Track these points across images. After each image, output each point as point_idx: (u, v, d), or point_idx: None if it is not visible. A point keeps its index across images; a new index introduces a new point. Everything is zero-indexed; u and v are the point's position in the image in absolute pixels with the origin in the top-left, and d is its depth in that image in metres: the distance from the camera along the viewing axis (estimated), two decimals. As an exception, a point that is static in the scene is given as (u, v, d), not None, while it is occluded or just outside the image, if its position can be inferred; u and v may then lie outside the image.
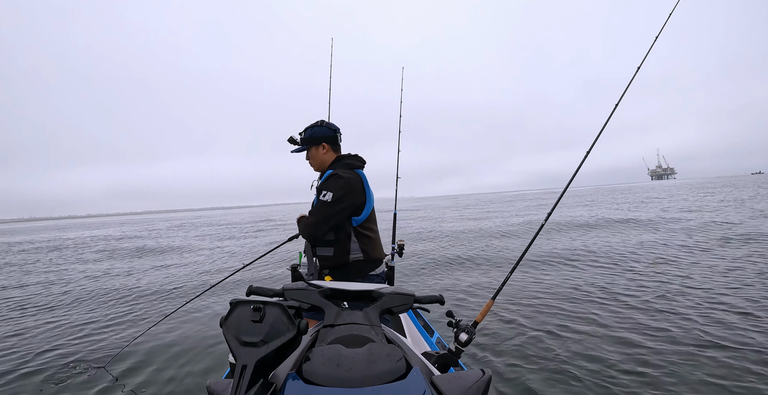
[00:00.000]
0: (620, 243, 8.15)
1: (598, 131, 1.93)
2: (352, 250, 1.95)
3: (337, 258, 1.94)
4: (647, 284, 4.86)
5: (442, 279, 6.00)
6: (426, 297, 1.18)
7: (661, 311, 3.83)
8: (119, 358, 3.29)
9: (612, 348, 3.05)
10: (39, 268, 9.55)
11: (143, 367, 3.13)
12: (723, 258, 6.04)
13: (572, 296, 4.54)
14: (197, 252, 11.53)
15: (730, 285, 4.54)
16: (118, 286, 6.57)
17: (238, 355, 0.75)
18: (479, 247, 9.06)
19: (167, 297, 5.63)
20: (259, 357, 0.74)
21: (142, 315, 4.71)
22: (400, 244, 3.12)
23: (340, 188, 1.87)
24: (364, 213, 1.98)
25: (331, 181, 1.91)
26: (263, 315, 0.80)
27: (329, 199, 1.85)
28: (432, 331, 2.40)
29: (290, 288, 1.10)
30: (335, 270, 1.96)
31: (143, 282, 6.81)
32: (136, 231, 24.36)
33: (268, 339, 0.77)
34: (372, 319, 1.01)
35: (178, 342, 3.66)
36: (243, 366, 0.73)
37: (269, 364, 0.77)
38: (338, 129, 2.14)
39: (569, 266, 6.27)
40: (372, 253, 2.00)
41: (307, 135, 2.08)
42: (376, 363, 0.76)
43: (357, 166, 2.07)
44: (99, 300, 5.66)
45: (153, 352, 3.42)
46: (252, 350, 0.75)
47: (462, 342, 1.36)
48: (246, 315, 0.80)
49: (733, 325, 3.34)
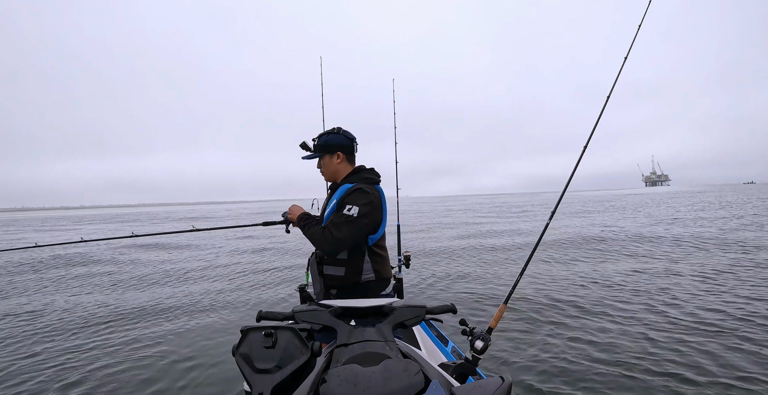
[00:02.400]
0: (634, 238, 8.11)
1: (590, 132, 1.93)
2: (365, 270, 1.85)
3: (347, 279, 1.83)
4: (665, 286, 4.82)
5: (452, 287, 5.95)
6: (438, 307, 1.17)
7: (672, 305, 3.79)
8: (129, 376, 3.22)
9: (631, 349, 3.01)
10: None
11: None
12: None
13: (586, 293, 4.50)
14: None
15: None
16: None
17: (253, 383, 0.74)
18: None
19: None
20: (274, 384, 0.73)
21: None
22: (406, 255, 3.10)
23: (366, 203, 1.76)
24: (379, 231, 1.88)
25: (356, 195, 1.79)
26: (275, 340, 0.79)
27: (355, 214, 1.73)
28: (446, 341, 2.37)
29: (300, 310, 1.09)
30: (343, 290, 1.85)
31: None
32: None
33: (282, 365, 0.76)
34: (385, 335, 1.00)
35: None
36: (259, 393, 0.72)
37: (285, 390, 0.76)
38: (355, 138, 2.01)
39: (581, 261, 6.23)
40: (383, 273, 1.90)
41: (321, 142, 1.94)
42: (393, 379, 0.75)
43: (376, 181, 1.96)
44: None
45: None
46: (267, 377, 0.74)
47: (478, 350, 1.34)
48: (258, 341, 0.79)
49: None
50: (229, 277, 7.38)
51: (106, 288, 6.72)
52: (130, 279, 7.45)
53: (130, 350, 3.69)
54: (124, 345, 3.82)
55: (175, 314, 4.88)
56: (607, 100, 2.02)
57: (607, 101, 2.01)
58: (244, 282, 6.84)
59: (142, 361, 3.43)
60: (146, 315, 4.87)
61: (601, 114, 1.98)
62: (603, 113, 1.95)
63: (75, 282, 7.32)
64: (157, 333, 4.14)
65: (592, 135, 1.94)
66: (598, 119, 1.95)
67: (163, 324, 4.47)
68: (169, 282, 7.10)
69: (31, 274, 8.29)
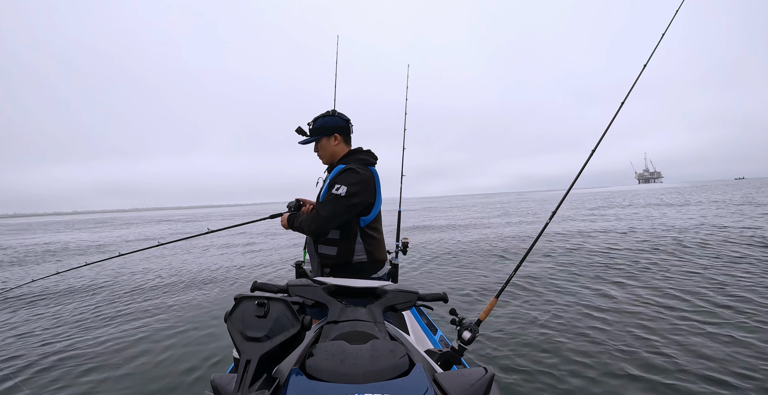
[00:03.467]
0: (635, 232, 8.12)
1: (600, 135, 1.91)
2: (357, 251, 1.87)
3: (339, 258, 1.86)
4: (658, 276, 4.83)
5: (444, 277, 6.00)
6: (429, 295, 1.18)
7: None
8: (121, 353, 3.32)
9: (621, 347, 3.04)
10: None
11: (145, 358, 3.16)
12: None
13: (578, 294, 4.53)
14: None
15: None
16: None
17: (243, 350, 0.76)
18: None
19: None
20: (263, 352, 0.75)
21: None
22: (404, 242, 3.12)
23: (355, 183, 1.77)
24: (372, 213, 1.89)
25: (346, 174, 1.80)
26: (267, 310, 0.80)
27: (343, 193, 1.74)
28: (435, 329, 2.40)
29: (294, 284, 1.11)
30: (336, 269, 1.88)
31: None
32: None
33: (272, 335, 0.77)
34: (376, 316, 1.02)
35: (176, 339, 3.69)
36: (247, 360, 0.74)
37: (273, 359, 0.78)
38: (349, 120, 2.03)
39: (574, 263, 6.25)
40: (376, 255, 1.92)
41: (317, 125, 1.95)
42: (379, 359, 0.76)
43: (371, 162, 1.96)
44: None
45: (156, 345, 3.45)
46: (256, 345, 0.76)
47: (465, 340, 1.36)
48: (250, 310, 0.81)
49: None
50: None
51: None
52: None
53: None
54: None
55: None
56: (621, 105, 2.00)
57: (621, 106, 1.99)
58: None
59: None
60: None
61: (613, 119, 1.95)
62: (616, 118, 1.93)
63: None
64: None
65: (603, 138, 1.92)
66: (610, 123, 1.94)
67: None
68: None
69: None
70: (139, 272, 7.60)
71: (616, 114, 1.92)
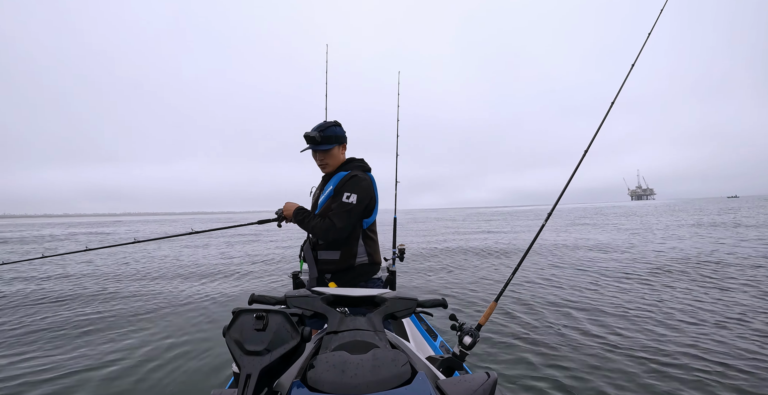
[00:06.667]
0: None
1: (583, 149, 1.93)
2: (359, 254, 1.91)
3: (342, 262, 1.89)
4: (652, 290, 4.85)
5: (442, 282, 5.99)
6: (428, 301, 1.18)
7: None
8: (114, 360, 3.25)
9: (619, 350, 3.04)
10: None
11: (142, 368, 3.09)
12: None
13: (577, 295, 4.53)
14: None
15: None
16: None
17: (242, 364, 0.75)
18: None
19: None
20: (263, 366, 0.74)
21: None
22: (401, 248, 3.12)
23: (363, 190, 1.85)
24: (373, 215, 1.96)
25: (354, 182, 1.86)
26: (266, 323, 0.80)
27: (354, 201, 1.81)
28: (435, 335, 2.39)
29: (292, 295, 1.10)
30: (338, 274, 1.91)
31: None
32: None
33: (271, 348, 0.77)
34: (376, 324, 1.01)
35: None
36: (247, 375, 0.73)
37: (273, 372, 0.77)
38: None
39: (572, 265, 6.27)
40: (375, 257, 1.98)
41: (330, 133, 1.94)
42: (380, 368, 0.75)
43: (368, 169, 2.05)
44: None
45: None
46: (256, 359, 0.75)
47: (466, 346, 1.36)
48: (249, 323, 0.80)
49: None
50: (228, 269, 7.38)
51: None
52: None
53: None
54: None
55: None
56: (608, 112, 2.03)
57: (607, 114, 2.02)
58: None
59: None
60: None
61: (600, 126, 1.98)
62: (602, 126, 1.96)
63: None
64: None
65: (591, 144, 1.95)
66: (597, 132, 1.97)
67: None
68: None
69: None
70: (127, 277, 7.49)
71: (605, 118, 1.96)
